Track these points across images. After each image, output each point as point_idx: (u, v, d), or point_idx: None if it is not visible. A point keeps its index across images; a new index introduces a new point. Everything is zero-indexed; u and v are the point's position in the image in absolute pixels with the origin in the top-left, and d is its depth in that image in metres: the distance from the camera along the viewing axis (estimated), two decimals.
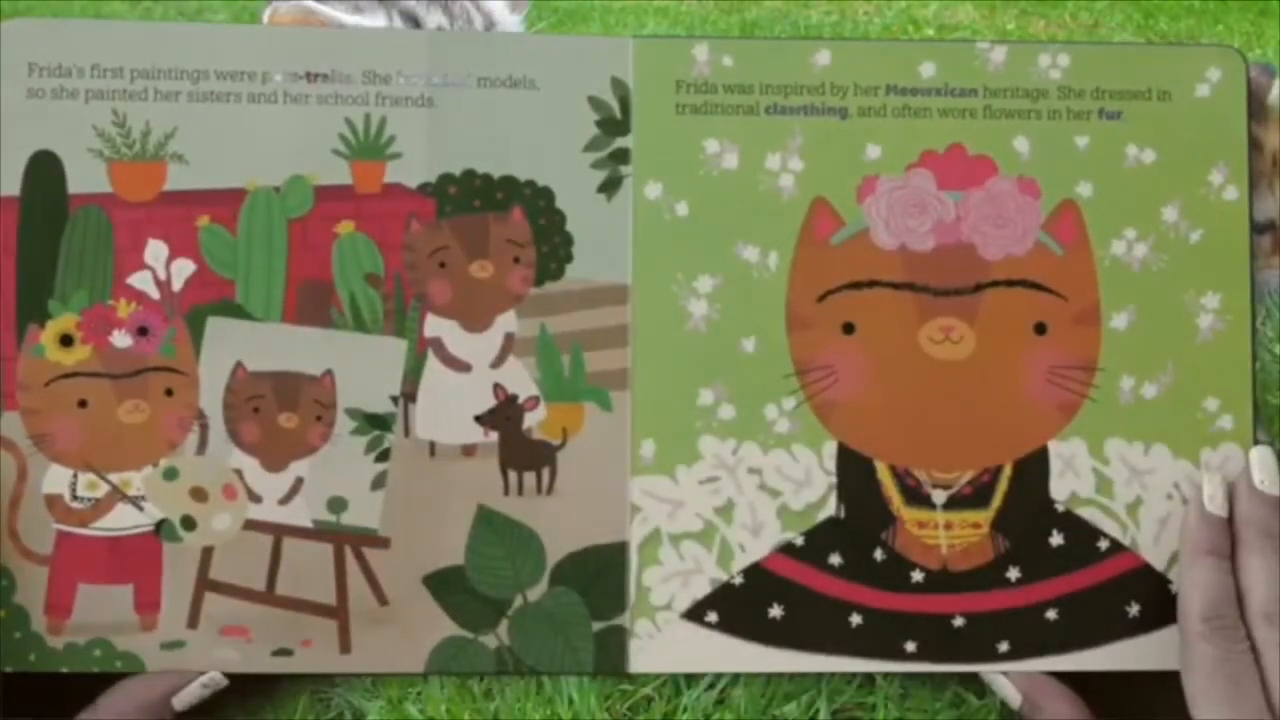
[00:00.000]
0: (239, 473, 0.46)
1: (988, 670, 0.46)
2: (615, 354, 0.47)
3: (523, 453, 0.46)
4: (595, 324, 0.47)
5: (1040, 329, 0.47)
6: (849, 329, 0.47)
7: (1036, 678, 0.46)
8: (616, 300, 0.46)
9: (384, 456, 0.46)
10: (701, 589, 0.46)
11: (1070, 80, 0.47)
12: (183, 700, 0.45)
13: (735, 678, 0.48)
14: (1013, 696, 0.46)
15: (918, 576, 0.47)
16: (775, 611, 0.46)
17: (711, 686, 0.48)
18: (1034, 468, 0.47)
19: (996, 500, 0.47)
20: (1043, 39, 0.66)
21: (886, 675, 0.48)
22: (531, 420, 0.47)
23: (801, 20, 0.66)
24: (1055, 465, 0.47)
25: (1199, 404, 0.47)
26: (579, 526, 0.46)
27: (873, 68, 0.47)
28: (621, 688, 0.48)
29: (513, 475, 0.46)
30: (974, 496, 0.47)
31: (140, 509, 0.45)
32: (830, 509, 0.47)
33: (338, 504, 0.46)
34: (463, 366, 0.47)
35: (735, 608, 0.46)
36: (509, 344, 0.47)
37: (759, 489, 0.46)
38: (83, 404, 0.45)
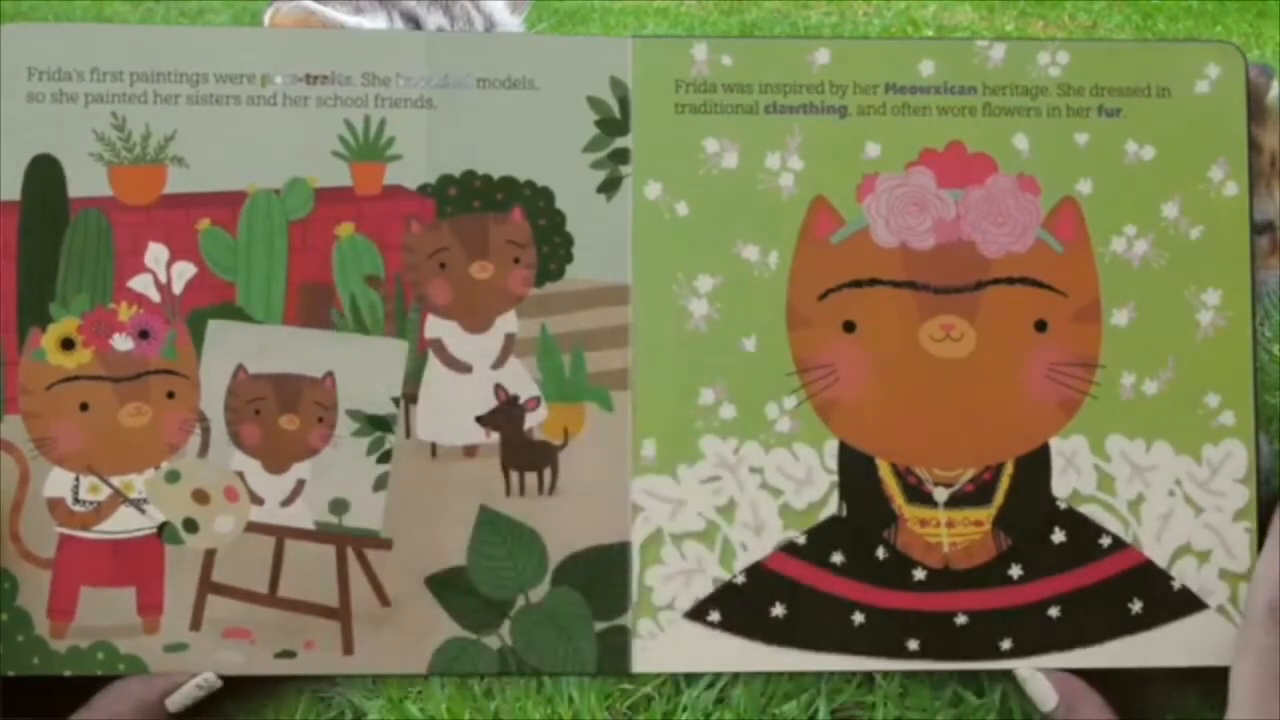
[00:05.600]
0: (241, 475, 0.46)
1: (995, 668, 0.46)
2: (616, 354, 0.46)
3: (524, 453, 0.46)
4: (596, 324, 0.47)
5: (1041, 326, 0.47)
6: (850, 327, 0.47)
7: (1073, 681, 0.45)
8: (617, 300, 0.46)
9: (385, 458, 0.46)
10: (704, 588, 0.46)
11: (1069, 78, 0.47)
12: (177, 701, 0.45)
13: (735, 677, 0.47)
14: (1048, 697, 0.45)
15: (920, 574, 0.46)
16: (778, 610, 0.46)
17: (711, 685, 0.47)
18: (1036, 465, 0.47)
19: (998, 498, 0.47)
20: (1042, 39, 0.66)
21: (886, 674, 0.48)
22: (533, 421, 0.47)
23: (801, 21, 0.66)
24: (1057, 462, 0.47)
25: (1200, 400, 0.47)
26: (581, 527, 0.46)
27: (872, 66, 0.47)
28: (622, 686, 0.48)
29: (514, 476, 0.46)
30: (976, 494, 0.47)
31: (142, 512, 0.45)
32: (832, 508, 0.47)
33: (339, 505, 0.46)
34: (464, 367, 0.47)
35: (738, 607, 0.46)
36: (510, 345, 0.47)
37: (760, 488, 0.46)
38: (84, 407, 0.45)
